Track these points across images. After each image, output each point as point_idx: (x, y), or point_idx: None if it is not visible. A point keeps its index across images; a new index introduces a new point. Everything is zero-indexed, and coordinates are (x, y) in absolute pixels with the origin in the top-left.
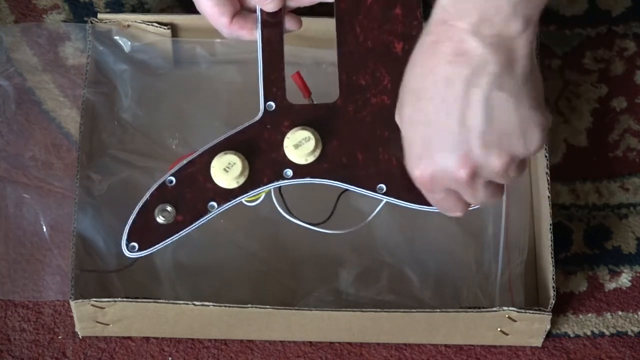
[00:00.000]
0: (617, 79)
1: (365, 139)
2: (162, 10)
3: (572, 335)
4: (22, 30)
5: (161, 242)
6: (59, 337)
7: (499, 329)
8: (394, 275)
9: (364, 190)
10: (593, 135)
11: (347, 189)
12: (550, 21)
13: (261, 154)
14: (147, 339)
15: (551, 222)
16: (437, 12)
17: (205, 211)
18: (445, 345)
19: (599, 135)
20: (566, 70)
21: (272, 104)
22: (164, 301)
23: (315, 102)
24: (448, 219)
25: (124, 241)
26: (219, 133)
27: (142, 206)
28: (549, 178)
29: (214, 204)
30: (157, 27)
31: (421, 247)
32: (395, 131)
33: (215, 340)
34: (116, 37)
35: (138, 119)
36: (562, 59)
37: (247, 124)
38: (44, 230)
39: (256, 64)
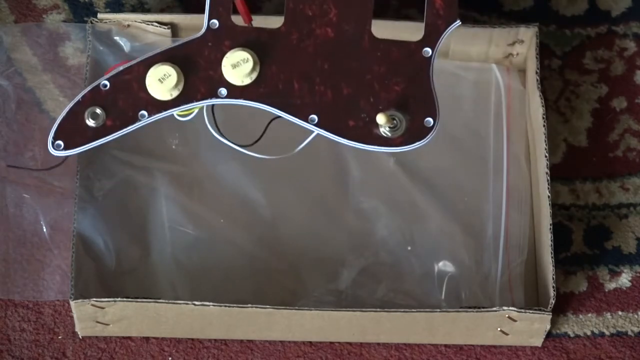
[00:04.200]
0: (617, 79)
1: (304, 69)
2: (162, 10)
3: (572, 335)
4: (22, 30)
5: (87, 144)
6: (59, 337)
7: (499, 329)
8: (394, 275)
9: (296, 119)
10: (593, 135)
11: (279, 116)
12: (550, 21)
13: (198, 70)
14: (147, 339)
15: (551, 222)
16: None
17: (136, 119)
18: (445, 345)
19: (599, 135)
20: (566, 70)
21: (216, 22)
22: (164, 301)
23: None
24: (448, 219)
25: (51, 138)
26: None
27: (73, 106)
28: (549, 178)
29: (145, 113)
30: (157, 27)
31: (421, 247)
32: (335, 64)
33: (215, 340)
34: (116, 37)
35: None
36: (562, 59)
37: (188, 39)
38: (44, 230)
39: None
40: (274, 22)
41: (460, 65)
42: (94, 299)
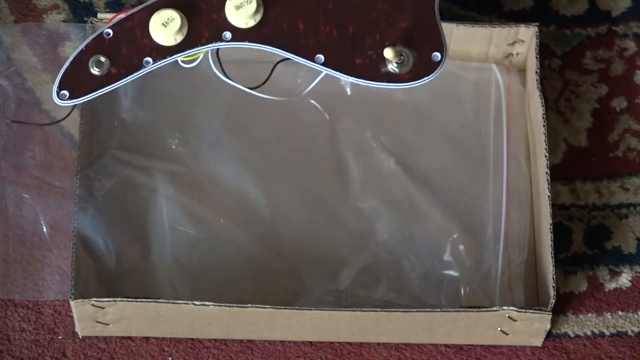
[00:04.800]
0: (617, 79)
1: (308, 9)
2: None
3: (572, 335)
4: (22, 30)
5: (92, 92)
6: (59, 337)
7: (499, 329)
8: (394, 275)
9: (302, 59)
10: (593, 135)
11: (285, 57)
12: (550, 21)
13: (201, 14)
14: (147, 339)
15: (551, 222)
16: None
17: (140, 66)
18: (445, 345)
19: (599, 135)
20: (566, 70)
21: None
22: (164, 301)
23: None
24: (448, 219)
25: (55, 88)
26: (218, 132)
27: (76, 55)
28: (549, 178)
29: (150, 59)
30: None
31: (421, 247)
32: (339, 3)
33: (215, 340)
34: None
35: (138, 119)
36: (562, 59)
37: None
38: (44, 230)
39: (256, 64)
40: None
41: (460, 65)
42: (94, 299)
